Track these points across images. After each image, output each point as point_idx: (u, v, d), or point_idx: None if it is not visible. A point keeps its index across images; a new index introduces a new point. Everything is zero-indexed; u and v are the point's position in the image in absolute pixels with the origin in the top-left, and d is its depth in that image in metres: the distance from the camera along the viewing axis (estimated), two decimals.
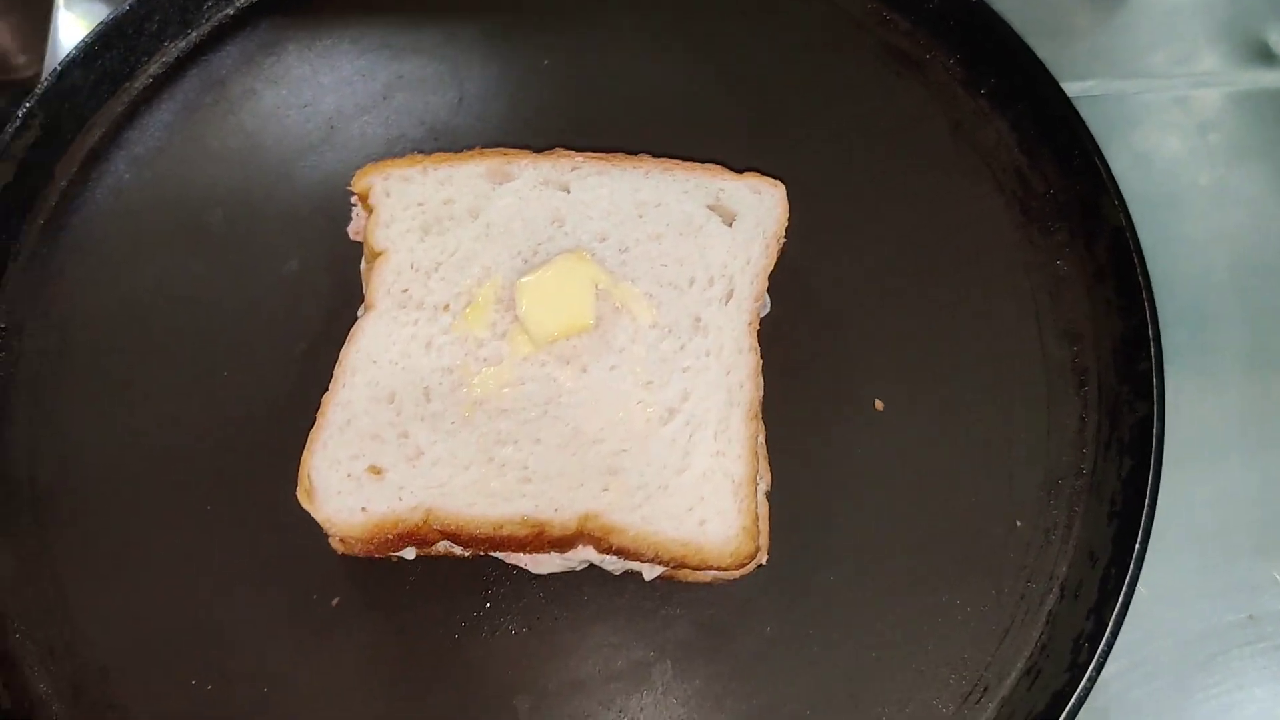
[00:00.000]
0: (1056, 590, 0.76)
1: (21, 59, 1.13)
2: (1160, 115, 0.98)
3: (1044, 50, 0.89)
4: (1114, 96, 0.99)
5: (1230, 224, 0.94)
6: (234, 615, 0.76)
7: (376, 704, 0.74)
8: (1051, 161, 0.88)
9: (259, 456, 0.80)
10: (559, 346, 0.74)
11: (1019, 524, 0.78)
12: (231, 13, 0.97)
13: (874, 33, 0.95)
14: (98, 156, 0.91)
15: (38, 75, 1.11)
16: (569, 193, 0.80)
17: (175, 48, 0.95)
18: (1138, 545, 0.73)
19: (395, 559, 0.75)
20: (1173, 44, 1.02)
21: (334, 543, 0.74)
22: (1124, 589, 0.72)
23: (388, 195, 0.80)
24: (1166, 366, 0.79)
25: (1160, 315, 0.81)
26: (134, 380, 0.83)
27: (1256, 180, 0.95)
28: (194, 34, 0.96)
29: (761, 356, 0.76)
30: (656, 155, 0.82)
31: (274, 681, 0.74)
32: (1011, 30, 0.89)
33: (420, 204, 0.79)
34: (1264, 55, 1.00)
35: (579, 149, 0.83)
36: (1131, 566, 0.73)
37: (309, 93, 0.93)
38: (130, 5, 0.92)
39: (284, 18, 0.97)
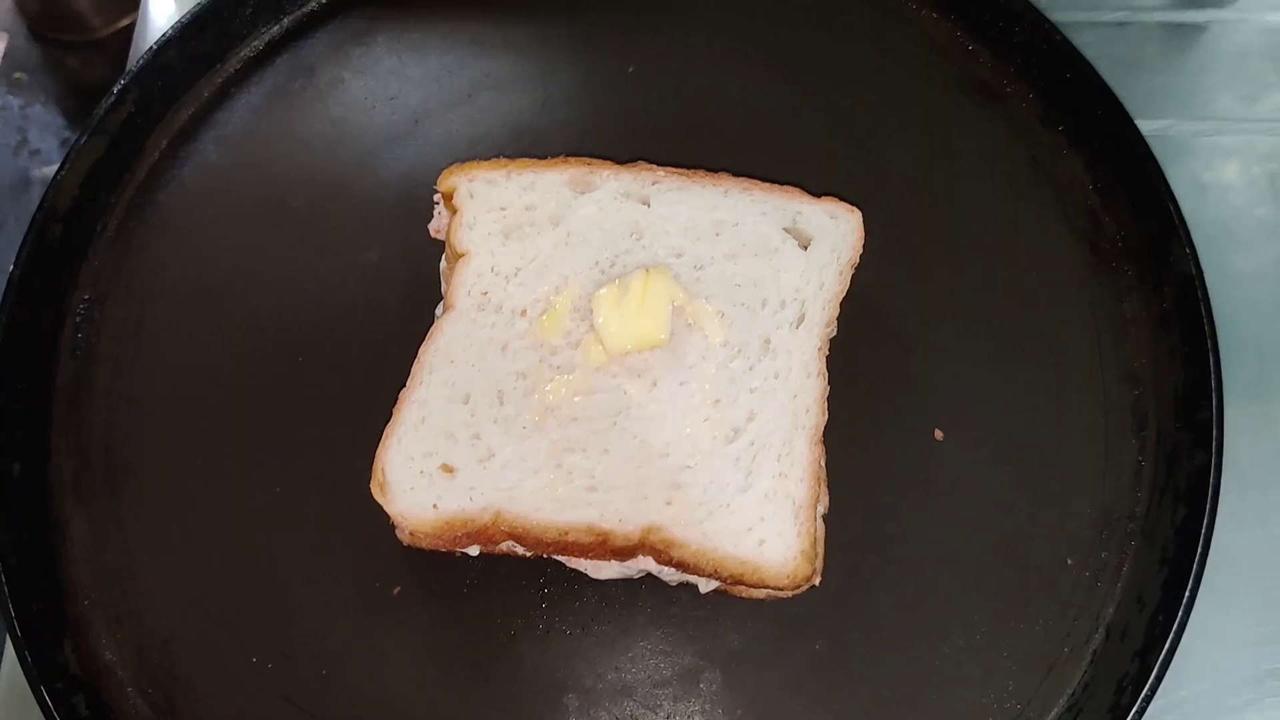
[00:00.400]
0: (1103, 631, 0.77)
1: (97, 20, 1.15)
2: (1227, 156, 0.98)
3: (1118, 87, 0.89)
4: (1183, 136, 0.99)
5: None
6: (297, 596, 0.78)
7: (431, 690, 0.76)
8: (1124, 203, 0.88)
9: (329, 442, 0.82)
10: (631, 359, 0.76)
11: (1069, 562, 0.79)
12: (324, 1, 0.98)
13: (956, 62, 0.95)
14: (186, 135, 0.93)
15: (115, 37, 1.14)
16: (649, 206, 0.81)
17: (268, 33, 0.97)
18: (1187, 594, 0.74)
19: (458, 554, 0.77)
20: (1242, 86, 1.02)
21: (401, 535, 0.76)
22: (1170, 636, 0.73)
23: (471, 197, 0.81)
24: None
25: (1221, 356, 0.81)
26: (209, 357, 0.85)
27: None
28: (286, 20, 0.97)
29: (829, 383, 0.77)
30: (736, 173, 0.83)
31: (332, 664, 0.77)
32: (1092, 68, 0.90)
33: (503, 208, 0.81)
34: None
35: (660, 161, 0.84)
36: (1180, 614, 0.74)
37: (396, 85, 0.95)
38: None
39: (375, 9, 0.98)
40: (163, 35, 0.92)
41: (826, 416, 0.77)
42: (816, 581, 0.74)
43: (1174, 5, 1.06)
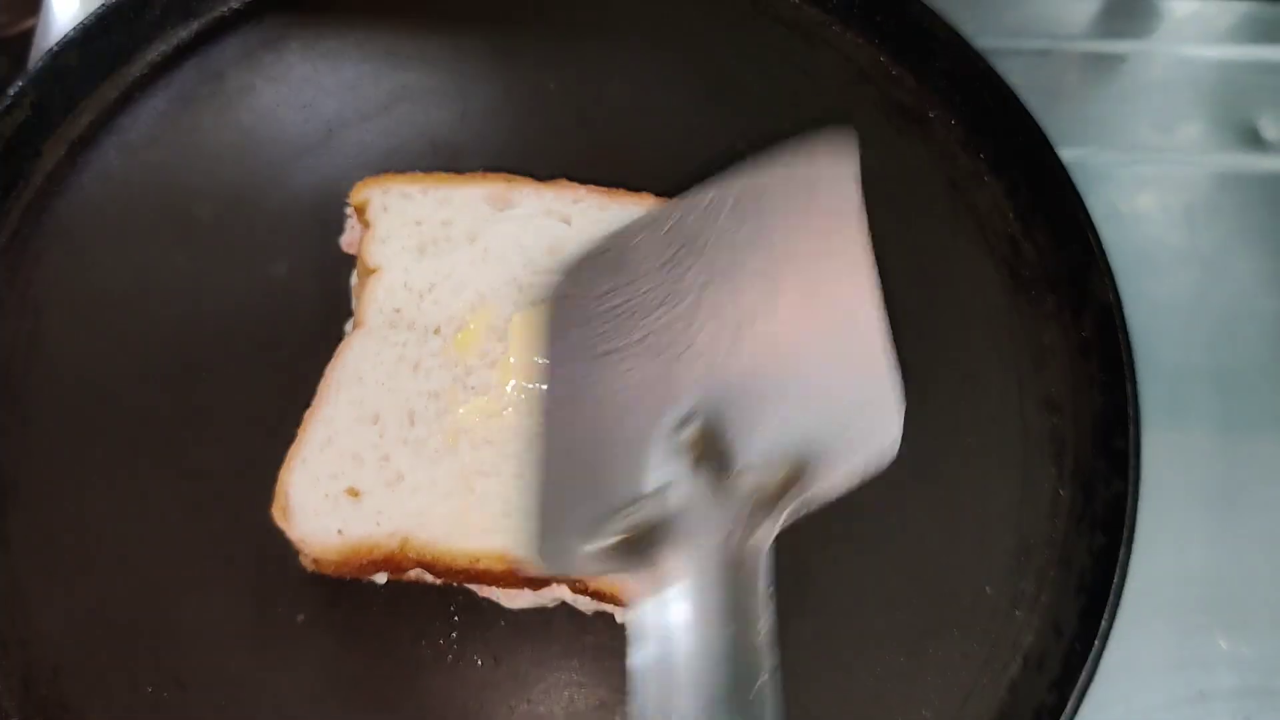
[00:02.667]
0: (1020, 659, 0.77)
1: (3, 17, 1.11)
2: (1145, 185, 1.00)
3: (1039, 114, 0.90)
4: (1102, 164, 1.00)
5: (1208, 294, 0.95)
6: (195, 623, 0.75)
7: None
8: (1044, 230, 0.88)
9: (231, 463, 0.78)
10: None
11: (988, 589, 0.78)
12: (236, 5, 0.95)
13: (878, 85, 0.95)
14: (87, 141, 0.90)
15: (17, 39, 1.10)
16: (570, 225, 0.79)
17: (175, 36, 0.94)
18: (1104, 623, 0.74)
19: (365, 580, 0.74)
20: (1160, 117, 1.04)
21: (305, 561, 0.73)
22: (1087, 665, 0.73)
23: (386, 211, 0.79)
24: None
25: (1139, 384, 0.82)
26: (106, 373, 0.82)
27: (1237, 256, 0.97)
28: (195, 24, 0.94)
29: None
30: (657, 194, 0.82)
31: (231, 693, 0.73)
32: (1014, 95, 0.90)
33: (418, 223, 0.79)
34: (1253, 139, 1.02)
35: (580, 178, 0.82)
36: (1096, 644, 0.73)
37: (309, 93, 0.92)
38: None
39: (288, 15, 0.95)
40: (63, 36, 0.88)
41: None
42: None
43: (1095, 35, 1.08)
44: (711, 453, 0.64)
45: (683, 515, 0.62)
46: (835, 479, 0.62)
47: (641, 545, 0.62)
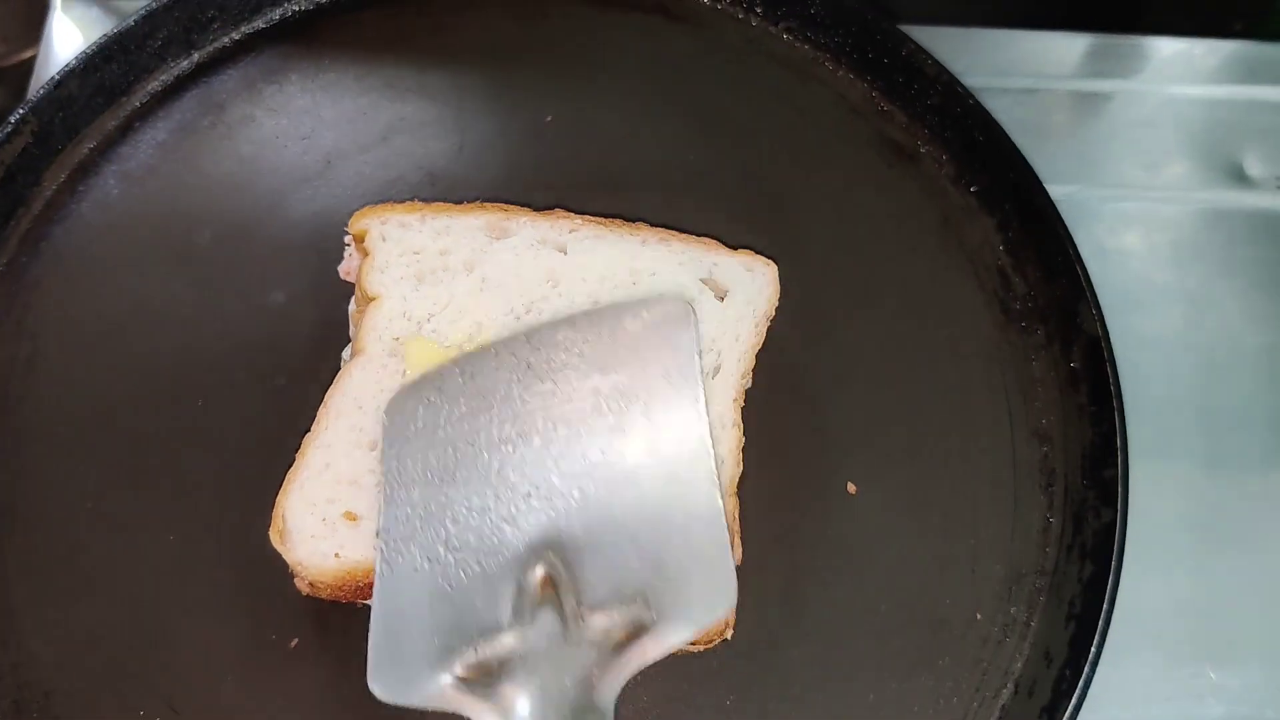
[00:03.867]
0: (1011, 686, 0.77)
1: (1, 47, 1.13)
2: (1131, 222, 1.01)
3: (1028, 151, 0.91)
4: (1089, 201, 1.01)
5: (1195, 329, 0.97)
6: (188, 648, 0.75)
7: None
8: (1034, 264, 0.90)
9: (227, 488, 0.79)
10: None
11: (979, 617, 0.79)
12: (237, 37, 0.97)
13: (871, 122, 0.97)
14: (87, 169, 0.90)
15: (16, 69, 1.11)
16: (566, 254, 0.80)
17: (176, 67, 0.95)
18: (1093, 649, 0.75)
19: (359, 605, 0.74)
20: (1146, 155, 1.05)
21: (301, 584, 0.73)
22: (1077, 692, 0.74)
23: (384, 240, 0.80)
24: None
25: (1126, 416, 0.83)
26: (104, 398, 0.82)
27: (1223, 292, 0.99)
28: (196, 55, 0.95)
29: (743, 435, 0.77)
30: (653, 224, 0.83)
31: (223, 718, 0.73)
32: (1003, 132, 0.92)
33: (416, 252, 0.80)
34: (1238, 177, 1.04)
35: (577, 210, 0.83)
36: (1086, 670, 0.74)
37: (309, 125, 0.93)
38: (135, 20, 0.92)
39: (289, 47, 0.97)
40: (65, 65, 0.89)
41: (741, 468, 0.76)
42: (729, 635, 0.73)
43: (1082, 75, 1.10)
44: (559, 596, 0.64)
45: (531, 655, 0.62)
46: (676, 633, 0.63)
47: (489, 681, 0.62)
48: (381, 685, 0.64)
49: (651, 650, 0.63)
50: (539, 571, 0.65)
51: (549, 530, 0.67)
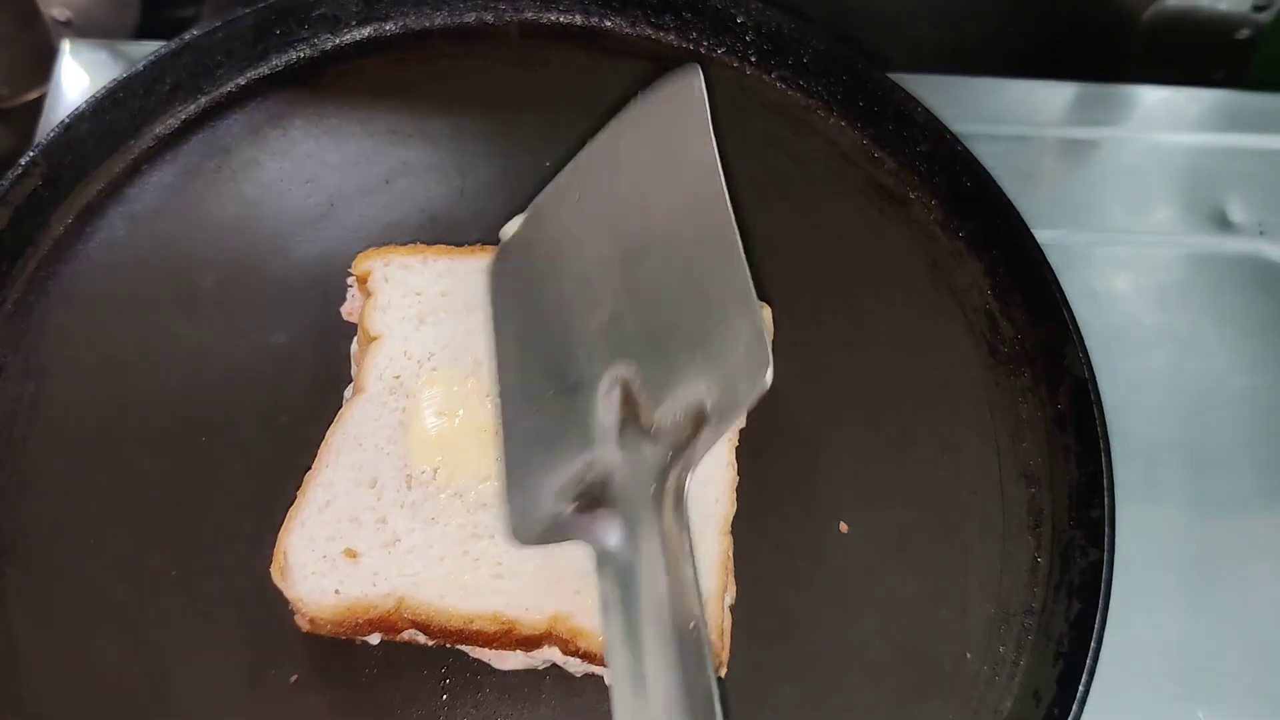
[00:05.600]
0: None
1: (5, 90, 1.15)
2: (1119, 266, 1.03)
3: (1016, 197, 0.93)
4: (1077, 245, 1.03)
5: (1181, 372, 0.98)
6: (189, 683, 0.75)
7: None
8: (1021, 308, 0.91)
9: (228, 526, 0.80)
10: None
11: (969, 656, 0.79)
12: (242, 83, 0.98)
13: (862, 168, 0.99)
14: (94, 211, 0.92)
15: (24, 109, 1.13)
16: None
17: (183, 111, 0.97)
18: (1081, 688, 0.75)
19: (359, 641, 0.75)
20: (1133, 200, 1.07)
21: (300, 621, 0.74)
22: None
23: (386, 281, 0.82)
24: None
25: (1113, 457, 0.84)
26: (107, 436, 0.83)
27: (1208, 335, 1.00)
28: (203, 100, 0.97)
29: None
30: None
31: None
32: (992, 178, 0.94)
33: (418, 293, 0.81)
34: (1222, 222, 1.06)
35: None
36: (1074, 709, 0.75)
37: (312, 169, 0.95)
38: (144, 65, 0.94)
39: (293, 93, 0.99)
40: (75, 109, 0.91)
41: (735, 507, 0.77)
42: (722, 673, 0.74)
43: (1069, 122, 1.12)
44: (637, 411, 0.69)
45: (619, 470, 0.68)
46: (730, 414, 0.67)
47: (596, 504, 0.67)
48: (521, 534, 0.71)
49: (710, 437, 0.66)
50: (616, 394, 0.70)
51: (617, 350, 0.72)
